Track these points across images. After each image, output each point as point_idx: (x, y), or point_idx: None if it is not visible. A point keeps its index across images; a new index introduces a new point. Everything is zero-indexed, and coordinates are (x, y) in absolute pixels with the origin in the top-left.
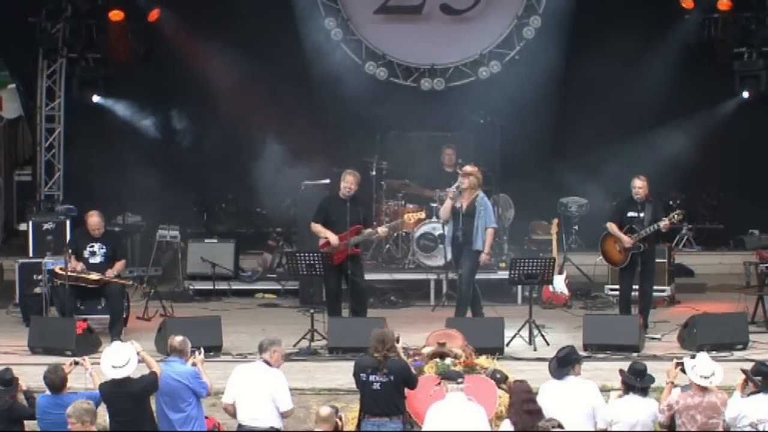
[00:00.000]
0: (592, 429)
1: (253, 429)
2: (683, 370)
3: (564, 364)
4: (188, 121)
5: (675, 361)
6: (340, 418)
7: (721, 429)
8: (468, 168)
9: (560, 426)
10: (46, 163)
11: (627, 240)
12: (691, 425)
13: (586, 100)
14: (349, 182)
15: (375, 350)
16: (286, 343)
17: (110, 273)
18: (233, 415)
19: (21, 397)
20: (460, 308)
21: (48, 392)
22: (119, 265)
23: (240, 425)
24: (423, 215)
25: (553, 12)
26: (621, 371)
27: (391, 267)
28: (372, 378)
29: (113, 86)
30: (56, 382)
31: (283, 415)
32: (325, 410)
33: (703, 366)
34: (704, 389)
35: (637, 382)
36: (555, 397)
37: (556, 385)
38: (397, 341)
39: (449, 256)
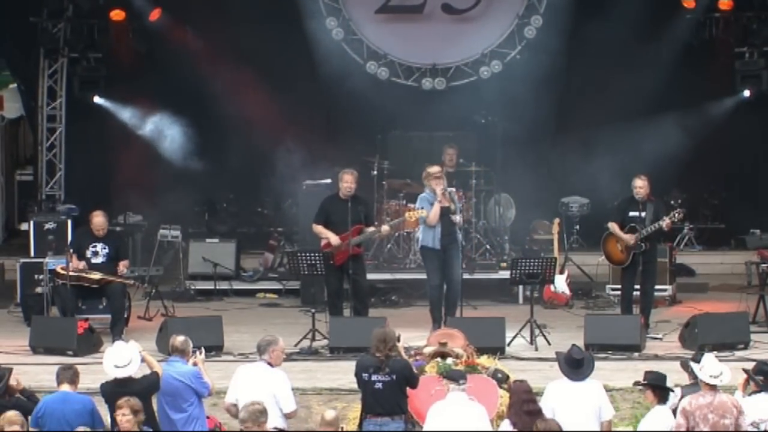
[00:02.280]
0: (598, 428)
1: None
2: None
3: (578, 365)
4: (189, 120)
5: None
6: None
7: (733, 429)
8: (437, 168)
9: (559, 428)
10: (47, 162)
11: (629, 237)
12: (703, 425)
13: (587, 99)
14: (348, 182)
15: (376, 350)
16: (288, 343)
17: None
18: (235, 415)
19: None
20: (453, 305)
21: (58, 389)
22: (122, 264)
23: None
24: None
25: (554, 12)
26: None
27: (393, 266)
28: (374, 378)
29: (114, 86)
30: (69, 376)
31: (286, 417)
32: (330, 413)
33: (711, 366)
34: (714, 388)
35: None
36: (562, 397)
37: (563, 385)
38: (398, 340)
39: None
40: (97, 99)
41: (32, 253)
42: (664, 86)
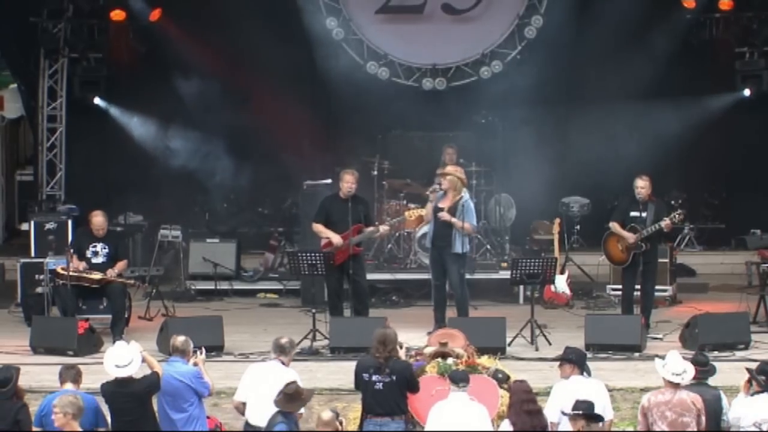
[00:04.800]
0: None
1: (260, 429)
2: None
3: (584, 361)
4: (189, 121)
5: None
6: (341, 423)
7: (692, 428)
8: (448, 168)
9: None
10: (47, 162)
11: (630, 236)
12: (661, 422)
13: (587, 100)
14: (349, 182)
15: (376, 351)
16: None
17: (111, 273)
18: (243, 413)
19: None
20: (462, 309)
21: (60, 388)
22: (121, 264)
23: (247, 423)
24: (424, 211)
25: (555, 12)
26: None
27: (393, 267)
28: (374, 378)
29: (115, 86)
30: (72, 375)
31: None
32: (327, 414)
33: (674, 364)
34: (676, 386)
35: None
36: (569, 397)
37: (569, 385)
38: (400, 347)
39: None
40: (97, 100)
41: (33, 253)
42: (664, 87)
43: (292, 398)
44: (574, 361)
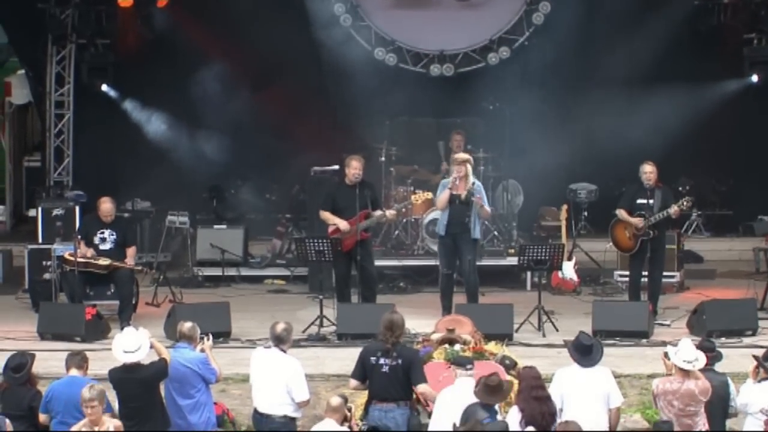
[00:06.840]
0: (606, 413)
1: (268, 414)
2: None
3: (588, 351)
4: (197, 107)
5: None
6: (349, 409)
7: (699, 418)
8: (462, 155)
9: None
10: (55, 149)
11: (637, 221)
12: (668, 410)
13: (595, 86)
14: (356, 168)
15: (383, 336)
16: (296, 330)
17: (129, 261)
18: None
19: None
20: (472, 295)
21: (66, 375)
22: (129, 251)
23: (255, 410)
24: (430, 195)
25: None
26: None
27: (400, 253)
28: (382, 361)
29: (123, 72)
30: (77, 361)
31: (299, 405)
32: (336, 400)
33: (686, 351)
34: (686, 374)
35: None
36: (571, 384)
37: (572, 372)
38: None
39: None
40: (104, 87)
41: (40, 240)
42: (672, 73)
43: (494, 390)
44: (570, 348)
